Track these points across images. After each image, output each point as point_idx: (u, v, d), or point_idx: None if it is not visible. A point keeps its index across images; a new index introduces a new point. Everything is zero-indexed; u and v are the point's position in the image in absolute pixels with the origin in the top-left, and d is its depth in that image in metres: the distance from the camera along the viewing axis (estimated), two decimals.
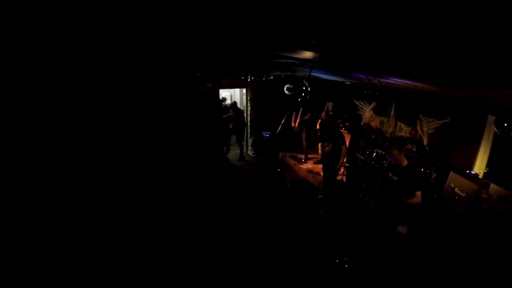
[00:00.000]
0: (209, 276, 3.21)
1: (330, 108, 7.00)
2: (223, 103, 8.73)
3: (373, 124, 7.35)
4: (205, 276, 3.15)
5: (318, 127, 7.07)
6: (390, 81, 4.10)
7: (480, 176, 4.80)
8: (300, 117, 7.33)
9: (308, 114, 7.35)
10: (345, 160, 5.18)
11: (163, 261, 3.11)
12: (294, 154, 7.55)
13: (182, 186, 4.31)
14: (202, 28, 1.67)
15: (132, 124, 4.96)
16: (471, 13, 0.93)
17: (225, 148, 7.51)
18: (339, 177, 6.59)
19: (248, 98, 8.00)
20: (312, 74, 4.84)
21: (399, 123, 6.62)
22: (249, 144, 8.39)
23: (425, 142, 5.80)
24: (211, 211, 4.62)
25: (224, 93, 9.15)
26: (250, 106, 8.05)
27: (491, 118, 4.56)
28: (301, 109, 7.34)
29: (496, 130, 3.04)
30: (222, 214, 4.75)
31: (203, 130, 6.12)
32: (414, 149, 5.51)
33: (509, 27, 1.02)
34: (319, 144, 6.82)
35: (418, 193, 3.29)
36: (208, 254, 3.46)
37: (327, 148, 4.87)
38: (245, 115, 8.24)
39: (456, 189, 4.43)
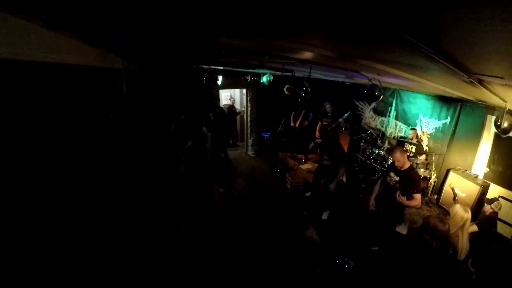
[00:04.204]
0: (209, 273, 3.21)
1: (328, 109, 6.98)
2: (230, 103, 8.84)
3: (373, 124, 7.36)
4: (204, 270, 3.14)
5: (317, 134, 7.03)
6: (390, 81, 4.09)
7: (480, 176, 4.81)
8: (301, 119, 7.31)
9: (310, 115, 7.36)
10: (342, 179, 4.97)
11: (166, 252, 3.09)
12: (294, 154, 7.55)
13: (182, 185, 4.31)
14: None
15: (133, 125, 4.97)
16: None
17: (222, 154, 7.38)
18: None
19: (248, 98, 8.00)
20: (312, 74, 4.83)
21: (399, 123, 6.63)
22: (249, 144, 8.39)
23: (425, 143, 5.80)
24: (210, 211, 4.63)
25: (224, 93, 9.15)
26: (250, 106, 8.05)
27: (491, 118, 4.56)
28: (302, 111, 7.32)
29: (496, 130, 3.04)
30: (222, 215, 4.75)
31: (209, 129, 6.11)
32: (413, 149, 5.51)
33: None
34: (318, 150, 6.73)
35: (418, 196, 3.29)
36: (207, 254, 3.46)
37: (326, 162, 4.80)
38: (234, 116, 8.33)
39: (456, 189, 4.43)
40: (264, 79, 6.04)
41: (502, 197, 4.29)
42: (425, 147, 5.68)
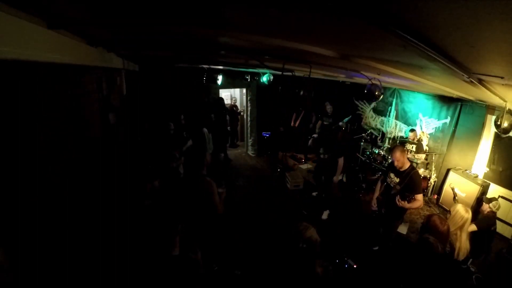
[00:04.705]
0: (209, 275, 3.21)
1: (329, 110, 6.98)
2: (232, 103, 8.87)
3: (373, 124, 7.36)
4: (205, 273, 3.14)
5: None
6: (390, 81, 4.10)
7: (480, 176, 4.81)
8: (300, 119, 7.34)
9: (312, 114, 7.38)
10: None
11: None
12: (294, 154, 7.56)
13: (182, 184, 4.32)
14: None
15: (133, 125, 4.97)
16: None
17: (222, 154, 7.37)
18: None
19: (248, 98, 8.00)
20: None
21: (399, 123, 6.63)
22: (249, 144, 8.40)
23: (425, 142, 5.81)
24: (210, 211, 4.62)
25: (224, 93, 9.15)
26: (250, 106, 8.05)
27: (491, 118, 4.56)
28: (302, 112, 7.34)
29: (496, 129, 3.04)
30: (222, 215, 4.74)
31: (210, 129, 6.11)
32: (413, 148, 5.51)
33: None
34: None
35: (420, 196, 3.26)
36: (207, 254, 3.45)
37: (323, 156, 4.80)
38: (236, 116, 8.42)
39: (456, 189, 4.43)
40: (264, 79, 6.05)
41: (502, 197, 4.29)
42: (425, 147, 5.68)
